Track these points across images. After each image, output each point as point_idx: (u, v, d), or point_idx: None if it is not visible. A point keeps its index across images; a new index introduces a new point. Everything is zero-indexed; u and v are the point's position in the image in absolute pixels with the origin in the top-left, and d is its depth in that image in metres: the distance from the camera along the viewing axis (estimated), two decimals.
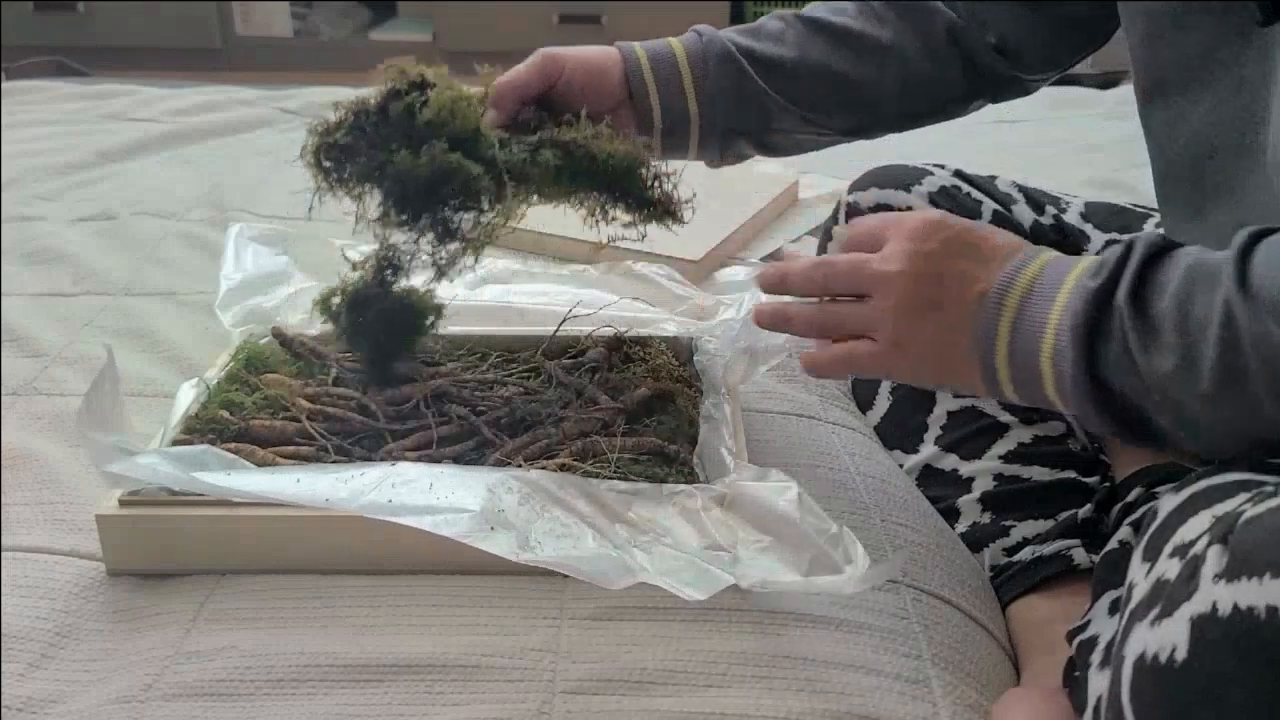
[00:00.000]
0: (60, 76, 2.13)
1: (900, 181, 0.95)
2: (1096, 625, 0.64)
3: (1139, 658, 0.50)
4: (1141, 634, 0.51)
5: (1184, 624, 0.49)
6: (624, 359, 0.86)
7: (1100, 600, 0.66)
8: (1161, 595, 0.51)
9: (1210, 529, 0.52)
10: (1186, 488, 0.58)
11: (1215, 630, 0.47)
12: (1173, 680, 0.49)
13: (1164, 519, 0.57)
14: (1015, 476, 0.80)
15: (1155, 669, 0.49)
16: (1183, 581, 0.50)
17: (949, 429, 0.84)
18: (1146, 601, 0.52)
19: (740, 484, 0.68)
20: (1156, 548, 0.56)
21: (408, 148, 0.71)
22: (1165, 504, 0.58)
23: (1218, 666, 0.47)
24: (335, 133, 0.74)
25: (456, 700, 0.60)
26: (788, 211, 1.27)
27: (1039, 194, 0.96)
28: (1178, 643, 0.49)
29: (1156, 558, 0.55)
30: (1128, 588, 0.56)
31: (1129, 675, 0.51)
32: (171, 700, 0.60)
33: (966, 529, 0.80)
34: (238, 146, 1.54)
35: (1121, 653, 0.52)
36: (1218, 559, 0.49)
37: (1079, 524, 0.77)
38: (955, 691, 0.63)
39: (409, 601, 0.66)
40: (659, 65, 0.86)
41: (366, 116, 0.73)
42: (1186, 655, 0.48)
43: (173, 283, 1.09)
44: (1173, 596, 0.50)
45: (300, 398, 0.79)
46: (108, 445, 0.66)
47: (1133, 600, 0.54)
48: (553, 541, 0.63)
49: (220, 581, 0.68)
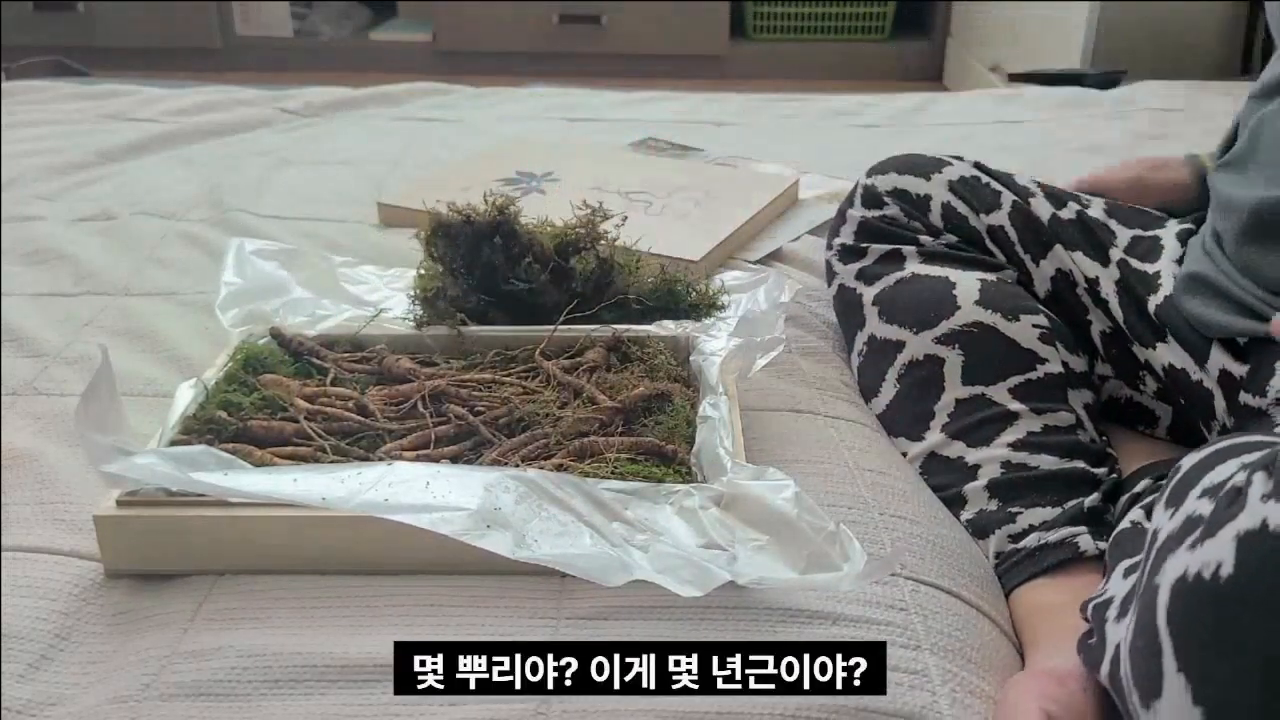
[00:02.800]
0: (60, 76, 2.13)
1: (920, 169, 0.96)
2: (1112, 589, 0.64)
3: (1179, 579, 0.50)
4: (1180, 558, 0.51)
5: (1229, 542, 0.48)
6: (622, 358, 0.87)
7: (1117, 568, 0.66)
8: (1198, 525, 0.51)
9: (1246, 466, 0.52)
10: (1208, 446, 0.58)
11: (1266, 544, 0.47)
12: (1218, 595, 0.48)
13: (1187, 471, 0.57)
14: (1023, 465, 0.80)
15: (1198, 586, 0.49)
16: (1224, 508, 0.50)
17: (956, 416, 0.84)
18: (1177, 535, 0.52)
19: (737, 483, 0.68)
20: (1181, 494, 0.55)
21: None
22: (1187, 460, 0.58)
23: (1268, 580, 0.47)
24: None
25: (454, 700, 0.60)
26: (788, 211, 1.27)
27: (1058, 191, 0.97)
28: (1223, 559, 0.48)
29: (1181, 502, 0.55)
30: (1151, 534, 0.56)
31: (1165, 599, 0.50)
32: (169, 700, 0.60)
33: (973, 515, 0.79)
34: (238, 146, 1.54)
35: (1154, 582, 0.52)
36: (1263, 482, 0.49)
37: (1085, 512, 0.77)
38: (955, 678, 0.64)
39: (406, 601, 0.66)
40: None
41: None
42: (1233, 570, 0.48)
43: (173, 283, 1.09)
44: (1214, 520, 0.50)
45: (298, 398, 0.79)
46: (105, 445, 0.66)
47: (1159, 541, 0.54)
48: (549, 540, 0.63)
49: (218, 581, 0.68)
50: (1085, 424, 0.84)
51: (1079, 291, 0.92)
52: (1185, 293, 0.83)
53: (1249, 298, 0.78)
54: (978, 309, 0.85)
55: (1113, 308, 0.90)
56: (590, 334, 0.88)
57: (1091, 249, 0.92)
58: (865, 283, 0.93)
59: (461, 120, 1.69)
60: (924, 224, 0.94)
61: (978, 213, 0.94)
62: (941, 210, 0.94)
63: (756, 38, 3.44)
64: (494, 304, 0.91)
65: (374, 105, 1.76)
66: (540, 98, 1.84)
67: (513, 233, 0.91)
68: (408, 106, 1.77)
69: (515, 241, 0.91)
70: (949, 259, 0.92)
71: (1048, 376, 0.84)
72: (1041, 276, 0.93)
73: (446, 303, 0.91)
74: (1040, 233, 0.93)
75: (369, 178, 1.39)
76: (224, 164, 1.45)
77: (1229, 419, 0.81)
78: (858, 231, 0.96)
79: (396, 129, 1.64)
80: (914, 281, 0.90)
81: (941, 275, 0.89)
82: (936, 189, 0.95)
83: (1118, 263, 0.91)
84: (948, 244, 0.93)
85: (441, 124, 1.67)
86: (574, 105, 1.78)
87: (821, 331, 1.00)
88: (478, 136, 1.59)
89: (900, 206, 0.95)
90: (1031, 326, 0.85)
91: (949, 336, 0.86)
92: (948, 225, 0.94)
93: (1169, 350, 0.85)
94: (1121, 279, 0.90)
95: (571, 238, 0.93)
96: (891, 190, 0.96)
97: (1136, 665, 0.53)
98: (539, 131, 1.62)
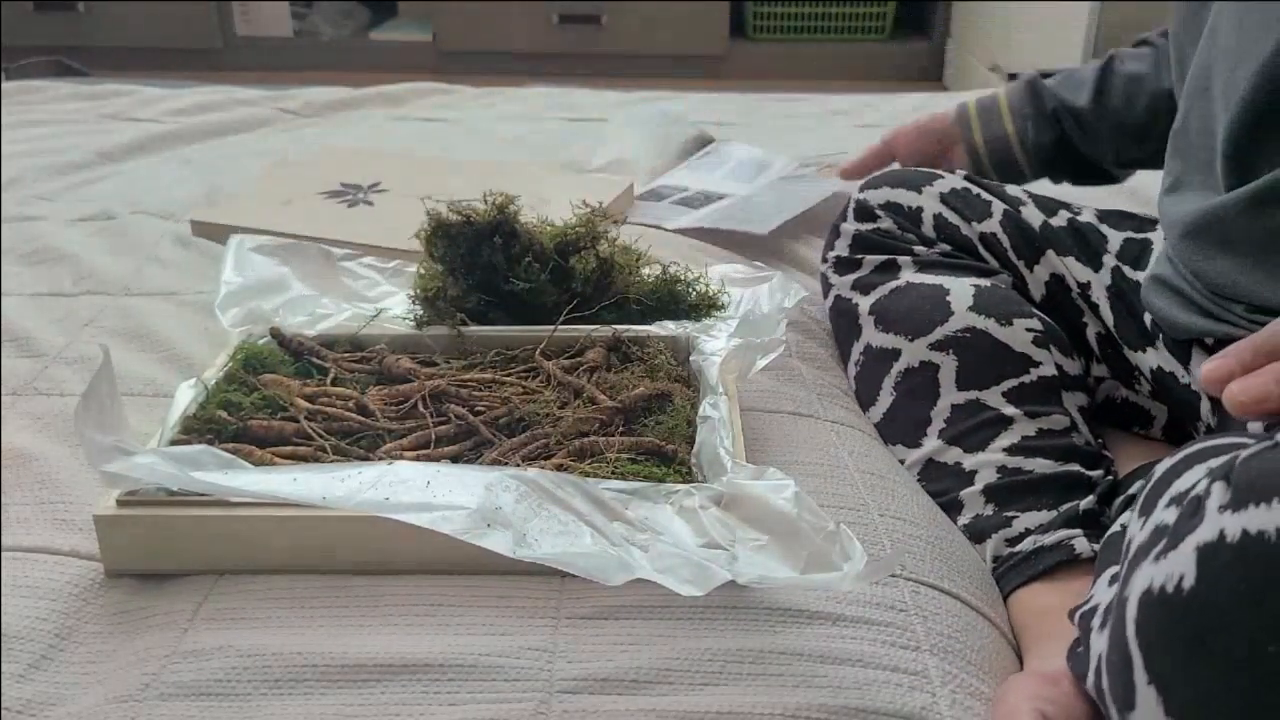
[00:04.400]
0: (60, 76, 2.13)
1: (912, 183, 0.97)
2: (1097, 597, 0.64)
3: (1144, 592, 0.50)
4: (1146, 570, 0.51)
5: (1190, 554, 0.49)
6: (622, 358, 0.87)
7: (1103, 575, 0.67)
8: (1163, 535, 0.51)
9: (1210, 473, 0.52)
10: (1182, 450, 0.58)
11: (1223, 555, 0.47)
12: (1181, 608, 0.49)
13: (1159, 476, 0.58)
14: (1019, 469, 0.80)
15: (1162, 599, 0.49)
16: (1185, 518, 0.51)
17: (952, 422, 0.84)
18: (1146, 545, 0.53)
19: (738, 483, 0.68)
20: (1152, 502, 0.56)
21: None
22: (1161, 466, 0.59)
23: (1227, 590, 0.47)
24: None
25: (453, 700, 0.60)
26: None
27: (1049, 200, 0.97)
28: (1185, 572, 0.49)
29: (1152, 510, 0.55)
30: (1126, 544, 0.57)
31: (1134, 612, 0.51)
32: (168, 700, 0.60)
33: (969, 521, 0.80)
34: (238, 146, 1.54)
35: (1124, 595, 0.52)
36: (1221, 493, 0.49)
37: (1081, 515, 0.77)
38: (955, 680, 0.64)
39: (406, 601, 0.66)
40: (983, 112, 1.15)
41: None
42: (1194, 583, 0.48)
43: (172, 283, 1.09)
44: (1176, 532, 0.50)
45: (298, 398, 0.79)
46: (105, 445, 0.66)
47: (1130, 551, 0.54)
48: (550, 539, 0.63)
49: (218, 581, 0.68)
50: (1080, 427, 0.84)
51: (1073, 296, 0.92)
52: (1150, 294, 0.84)
53: (1204, 300, 0.78)
54: (971, 314, 0.86)
55: (1104, 312, 0.90)
56: (590, 334, 0.88)
57: (1083, 254, 0.93)
58: (861, 292, 0.94)
59: (461, 120, 1.69)
60: (917, 235, 0.95)
61: (970, 221, 0.94)
62: (934, 221, 0.95)
63: (756, 38, 3.45)
64: (494, 304, 0.91)
65: (374, 105, 1.76)
66: (540, 98, 1.84)
67: (513, 232, 0.91)
68: (408, 106, 1.77)
69: (515, 241, 0.91)
70: (944, 267, 0.92)
71: (1041, 380, 0.84)
72: (1036, 281, 0.93)
73: (446, 303, 0.91)
74: (1033, 239, 0.94)
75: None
76: (224, 164, 1.44)
77: (1213, 420, 0.81)
78: (852, 244, 0.97)
79: (396, 129, 1.64)
80: (909, 290, 0.91)
81: (936, 283, 0.89)
82: (928, 201, 0.95)
83: (1111, 268, 0.92)
84: (942, 252, 0.94)
85: (441, 124, 1.67)
86: (574, 105, 1.78)
87: (822, 339, 1.01)
88: (478, 136, 1.59)
89: (893, 219, 0.96)
90: (1025, 330, 0.85)
91: (943, 343, 0.86)
92: (940, 235, 0.95)
93: (1157, 354, 0.86)
94: (1113, 284, 0.91)
95: (571, 237, 0.93)
96: (884, 204, 0.97)
97: (1111, 677, 0.54)
98: (541, 130, 1.62)
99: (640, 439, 0.75)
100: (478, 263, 0.91)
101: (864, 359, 0.92)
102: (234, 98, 1.75)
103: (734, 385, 0.82)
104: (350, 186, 1.29)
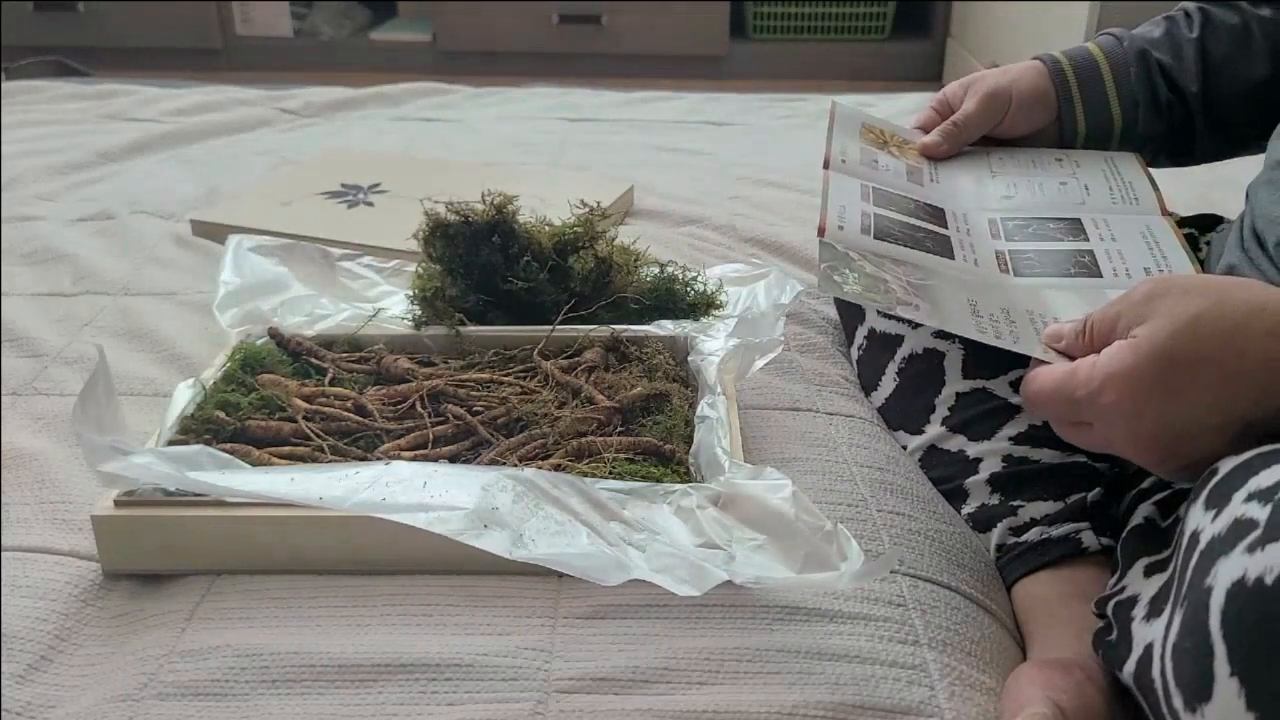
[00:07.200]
0: (60, 76, 2.13)
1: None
2: (1134, 587, 0.63)
3: (1236, 583, 0.50)
4: (1236, 561, 0.50)
5: None
6: (620, 358, 0.87)
7: (1134, 565, 0.66)
8: (1252, 529, 0.51)
9: None
10: (1247, 452, 0.57)
11: None
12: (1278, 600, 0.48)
13: (1227, 473, 0.57)
14: (1025, 458, 0.80)
15: (1259, 591, 0.49)
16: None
17: (957, 410, 0.84)
18: (1227, 539, 0.52)
19: (735, 482, 0.68)
20: (1224, 495, 0.55)
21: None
22: (1225, 464, 0.58)
23: None
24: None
25: (451, 700, 0.60)
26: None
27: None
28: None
29: (1225, 504, 0.54)
30: (1190, 536, 0.56)
31: (1219, 602, 0.50)
32: (166, 699, 0.60)
33: (974, 509, 0.79)
34: (238, 146, 1.54)
35: (1206, 585, 0.51)
36: None
37: (1089, 507, 0.77)
38: (954, 672, 0.64)
39: (403, 601, 0.66)
40: (1084, 76, 0.95)
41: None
42: None
43: (172, 283, 1.09)
44: (1273, 524, 0.50)
45: (296, 398, 0.79)
46: (103, 445, 0.66)
47: (1201, 543, 0.54)
48: (546, 539, 0.63)
49: (215, 581, 0.68)
50: None
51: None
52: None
53: None
54: None
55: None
56: (588, 334, 0.88)
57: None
58: None
59: (461, 120, 1.69)
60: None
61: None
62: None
63: (756, 38, 3.44)
64: (492, 304, 0.91)
65: (374, 105, 1.77)
66: (540, 98, 1.84)
67: (511, 232, 0.91)
68: (408, 106, 1.77)
69: (513, 241, 0.91)
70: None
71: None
72: None
73: (445, 302, 0.91)
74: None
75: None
76: (224, 164, 1.45)
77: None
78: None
79: (396, 129, 1.64)
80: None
81: None
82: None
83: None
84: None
85: (441, 124, 1.67)
86: (574, 105, 1.78)
87: (821, 327, 1.00)
88: (478, 136, 1.59)
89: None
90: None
91: (948, 331, 0.85)
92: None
93: None
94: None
95: (570, 237, 0.93)
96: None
97: (1182, 667, 0.53)
98: (538, 130, 1.62)
99: (638, 439, 0.75)
100: (476, 263, 0.91)
101: (867, 343, 0.92)
102: (234, 98, 1.75)
103: (732, 385, 0.82)
104: (350, 187, 1.29)
